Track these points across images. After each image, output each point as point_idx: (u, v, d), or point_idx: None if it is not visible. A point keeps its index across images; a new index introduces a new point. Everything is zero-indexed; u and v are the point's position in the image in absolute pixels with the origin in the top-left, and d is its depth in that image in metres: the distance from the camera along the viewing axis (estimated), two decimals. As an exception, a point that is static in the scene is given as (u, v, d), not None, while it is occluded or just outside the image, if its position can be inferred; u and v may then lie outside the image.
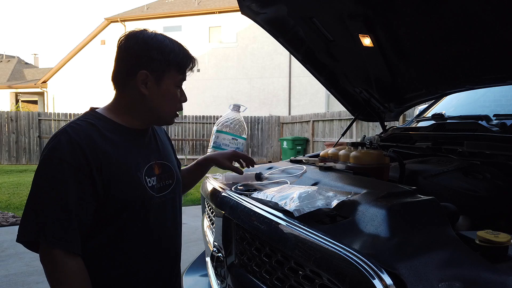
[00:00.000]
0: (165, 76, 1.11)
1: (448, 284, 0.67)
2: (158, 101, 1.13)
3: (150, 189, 1.12)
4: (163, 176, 1.18)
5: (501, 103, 2.20)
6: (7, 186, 7.96)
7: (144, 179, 1.11)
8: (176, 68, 1.12)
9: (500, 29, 1.32)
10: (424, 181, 1.36)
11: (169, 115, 1.18)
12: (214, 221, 1.45)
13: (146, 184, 1.11)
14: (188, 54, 1.16)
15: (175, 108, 1.17)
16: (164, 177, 1.19)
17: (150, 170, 1.14)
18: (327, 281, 0.78)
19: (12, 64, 26.64)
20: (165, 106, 1.15)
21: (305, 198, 1.00)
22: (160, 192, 1.15)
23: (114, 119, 1.13)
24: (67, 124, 1.06)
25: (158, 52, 1.10)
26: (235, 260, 1.22)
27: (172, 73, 1.12)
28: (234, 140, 1.14)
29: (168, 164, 1.23)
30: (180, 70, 1.13)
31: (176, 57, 1.12)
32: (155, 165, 1.17)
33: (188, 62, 1.15)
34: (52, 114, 13.09)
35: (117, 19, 19.00)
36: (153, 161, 1.17)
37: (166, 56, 1.10)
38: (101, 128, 1.07)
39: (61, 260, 0.96)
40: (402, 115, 6.13)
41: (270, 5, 1.76)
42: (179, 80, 1.14)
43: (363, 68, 1.96)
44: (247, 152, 13.16)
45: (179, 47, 1.15)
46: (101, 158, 1.02)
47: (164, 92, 1.13)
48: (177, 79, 1.13)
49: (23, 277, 3.38)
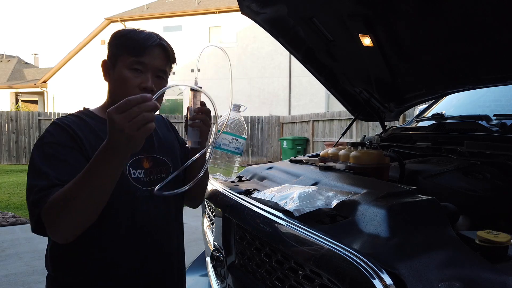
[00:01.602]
0: (118, 60, 1.13)
1: (448, 284, 0.67)
2: (114, 86, 1.15)
3: (135, 180, 1.12)
4: (153, 170, 1.18)
5: (501, 103, 2.20)
6: (7, 186, 7.96)
7: (128, 170, 1.12)
8: (127, 50, 1.12)
9: (500, 29, 1.32)
10: (424, 181, 1.36)
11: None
12: (214, 221, 1.45)
13: (130, 176, 1.12)
14: (142, 38, 1.13)
15: (132, 93, 1.08)
16: (156, 171, 1.18)
17: (137, 163, 1.15)
18: (327, 281, 0.78)
19: (12, 64, 26.64)
20: (119, 91, 1.12)
21: (305, 198, 1.00)
22: (149, 186, 1.15)
23: (101, 116, 1.17)
24: (56, 118, 1.13)
25: (112, 39, 1.16)
26: (235, 260, 1.22)
27: (124, 56, 1.12)
28: (234, 140, 1.14)
29: (163, 159, 1.22)
30: (131, 52, 1.11)
31: (126, 41, 1.13)
32: (144, 159, 1.17)
33: (141, 45, 1.12)
34: (52, 114, 13.09)
35: (117, 19, 19.00)
36: (142, 155, 1.17)
37: (117, 41, 1.15)
38: (87, 121, 1.13)
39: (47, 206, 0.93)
40: (402, 115, 6.14)
41: (270, 5, 1.76)
42: (131, 63, 1.11)
43: (363, 68, 1.96)
44: (247, 152, 13.17)
45: (137, 32, 1.15)
46: (84, 143, 1.07)
47: (117, 77, 1.13)
48: (128, 62, 1.11)
49: (23, 277, 3.38)
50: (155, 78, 1.15)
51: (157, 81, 1.15)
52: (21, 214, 5.68)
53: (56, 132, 1.07)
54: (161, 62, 1.16)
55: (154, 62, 1.14)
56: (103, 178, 0.90)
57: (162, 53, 1.16)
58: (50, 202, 0.92)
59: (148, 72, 1.13)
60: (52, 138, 1.05)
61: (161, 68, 1.16)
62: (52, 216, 0.93)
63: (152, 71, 1.14)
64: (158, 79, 1.16)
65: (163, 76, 1.17)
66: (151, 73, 1.14)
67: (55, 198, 0.92)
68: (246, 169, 1.73)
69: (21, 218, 5.39)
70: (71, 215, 0.92)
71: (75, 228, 0.96)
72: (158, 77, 1.16)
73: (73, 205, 0.91)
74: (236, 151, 1.34)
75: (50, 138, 1.05)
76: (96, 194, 0.91)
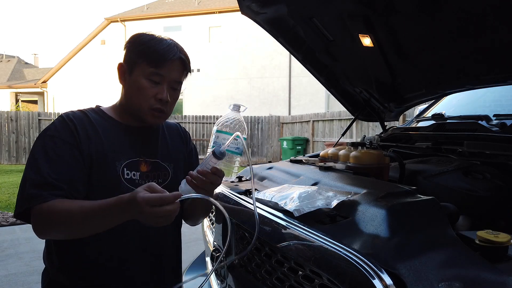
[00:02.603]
0: (136, 67, 1.14)
1: (448, 284, 0.67)
2: (129, 92, 1.16)
3: (127, 181, 1.12)
4: (150, 174, 1.18)
5: (501, 103, 2.20)
6: (7, 186, 7.96)
7: (122, 170, 1.12)
8: (146, 60, 1.12)
9: (500, 29, 1.32)
10: (424, 181, 1.36)
11: (142, 109, 1.15)
12: (214, 221, 1.46)
13: (122, 176, 1.12)
14: (163, 49, 1.13)
15: (146, 102, 1.13)
16: (153, 176, 1.19)
17: (134, 165, 1.15)
18: (327, 281, 0.78)
19: (12, 64, 26.64)
20: (134, 98, 1.15)
21: (305, 198, 1.00)
22: None
23: (111, 115, 1.20)
24: (64, 112, 1.17)
25: (132, 44, 1.16)
26: (235, 260, 1.22)
27: (143, 65, 1.12)
28: (234, 140, 1.13)
29: (163, 164, 1.22)
30: (150, 62, 1.12)
31: (146, 50, 1.13)
32: (143, 162, 1.17)
33: (161, 57, 1.12)
34: (52, 114, 13.08)
35: (117, 19, 19.00)
36: (142, 157, 1.17)
37: (137, 47, 1.14)
38: (92, 119, 1.15)
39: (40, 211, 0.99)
40: (402, 115, 6.14)
41: (270, 5, 1.76)
42: (149, 73, 1.12)
43: (363, 68, 1.96)
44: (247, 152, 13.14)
45: (158, 42, 1.14)
46: (81, 138, 1.10)
47: (133, 83, 1.14)
48: (147, 72, 1.12)
49: (23, 277, 3.38)
50: (170, 89, 1.16)
51: (172, 92, 1.17)
52: (21, 214, 5.67)
53: (60, 126, 1.10)
54: (178, 74, 1.17)
55: (172, 75, 1.15)
56: (102, 218, 0.95)
57: (180, 66, 1.17)
58: (51, 210, 0.98)
59: (164, 84, 1.15)
60: (56, 132, 1.09)
61: (178, 80, 1.18)
62: (47, 220, 0.99)
63: (168, 83, 1.15)
64: (173, 91, 1.18)
65: (177, 87, 1.19)
66: (167, 84, 1.15)
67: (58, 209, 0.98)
68: (246, 169, 1.73)
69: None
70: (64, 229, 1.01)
71: (60, 236, 1.07)
72: (173, 89, 1.18)
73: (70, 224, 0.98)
74: (236, 151, 1.33)
75: (53, 131, 1.09)
76: (90, 227, 0.98)
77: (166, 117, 1.21)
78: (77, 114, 1.15)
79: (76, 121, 1.12)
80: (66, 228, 0.99)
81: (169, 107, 1.19)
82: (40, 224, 1.00)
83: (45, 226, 1.00)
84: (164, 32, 1.14)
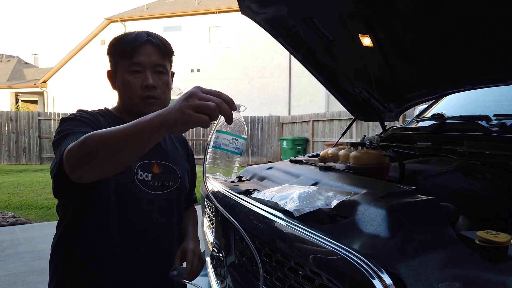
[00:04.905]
0: (118, 67, 1.16)
1: (448, 284, 0.67)
2: (121, 92, 1.18)
3: (141, 182, 1.13)
4: (162, 176, 1.19)
5: (501, 103, 2.20)
6: (7, 186, 7.96)
7: (136, 170, 1.13)
8: (121, 55, 1.14)
9: (500, 29, 1.32)
10: (424, 181, 1.36)
11: (135, 103, 1.16)
12: (214, 221, 1.46)
13: (136, 176, 1.13)
14: (131, 39, 1.14)
15: (136, 94, 1.15)
16: (164, 178, 1.20)
17: (147, 166, 1.16)
18: (327, 281, 0.78)
19: (12, 64, 26.62)
20: (125, 95, 1.17)
21: (305, 198, 1.00)
22: (155, 190, 1.16)
23: (119, 117, 1.22)
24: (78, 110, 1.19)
25: (109, 49, 1.19)
26: (235, 260, 1.22)
27: (121, 61, 1.15)
28: (234, 140, 1.13)
29: (173, 168, 1.24)
30: (125, 55, 1.14)
31: (119, 46, 1.15)
32: (155, 164, 1.19)
33: (130, 46, 1.13)
34: (52, 114, 13.08)
35: (117, 19, 19.00)
36: (154, 159, 1.18)
37: (112, 48, 1.17)
38: (107, 117, 1.18)
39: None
40: (402, 115, 6.14)
41: (270, 5, 1.76)
42: (128, 66, 1.14)
43: (363, 68, 1.96)
44: (247, 152, 13.17)
45: (126, 35, 1.17)
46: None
47: (120, 82, 1.17)
48: (126, 66, 1.14)
49: (23, 277, 3.38)
50: (155, 74, 1.16)
51: (158, 76, 1.17)
52: (21, 214, 5.68)
53: (81, 113, 1.15)
54: (156, 57, 1.16)
55: (149, 59, 1.15)
56: (139, 137, 0.84)
57: (153, 48, 1.16)
58: (88, 136, 0.88)
59: (146, 71, 1.14)
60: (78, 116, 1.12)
61: (158, 63, 1.16)
62: (80, 152, 0.88)
63: (150, 69, 1.15)
64: (159, 74, 1.17)
65: (162, 70, 1.18)
66: (149, 70, 1.14)
67: (93, 134, 0.88)
68: (246, 169, 1.73)
69: (21, 218, 5.39)
70: (100, 155, 0.87)
71: (94, 171, 0.91)
72: (158, 73, 1.17)
73: (104, 148, 0.86)
74: (236, 151, 1.33)
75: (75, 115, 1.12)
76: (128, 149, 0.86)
77: (162, 103, 1.19)
78: (92, 112, 1.18)
79: (95, 115, 1.15)
80: (99, 154, 0.86)
81: (160, 92, 1.17)
82: (73, 158, 0.89)
83: (79, 159, 0.88)
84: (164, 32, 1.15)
